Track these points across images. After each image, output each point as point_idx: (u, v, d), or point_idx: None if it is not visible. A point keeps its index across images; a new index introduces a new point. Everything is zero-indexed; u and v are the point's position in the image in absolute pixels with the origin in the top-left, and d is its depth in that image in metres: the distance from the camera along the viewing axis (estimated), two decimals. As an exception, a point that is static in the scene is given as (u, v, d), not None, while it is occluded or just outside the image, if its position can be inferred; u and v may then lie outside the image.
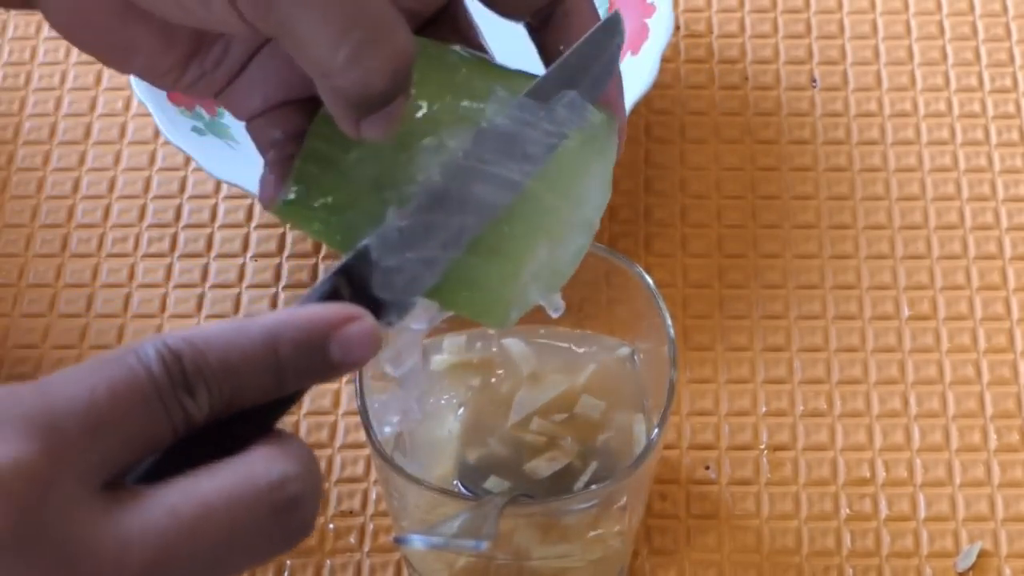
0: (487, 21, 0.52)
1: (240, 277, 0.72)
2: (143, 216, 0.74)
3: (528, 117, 0.48)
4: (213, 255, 0.73)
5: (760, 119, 0.76)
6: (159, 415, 0.40)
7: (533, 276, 0.48)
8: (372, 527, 0.65)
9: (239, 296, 0.71)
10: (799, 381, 0.69)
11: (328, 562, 0.64)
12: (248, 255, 0.72)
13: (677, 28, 0.79)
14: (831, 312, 0.71)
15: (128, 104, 0.77)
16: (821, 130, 0.76)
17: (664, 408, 0.55)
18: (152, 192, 0.75)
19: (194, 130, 0.71)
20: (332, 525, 0.65)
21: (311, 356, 0.42)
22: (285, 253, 0.72)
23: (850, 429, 0.67)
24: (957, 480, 0.66)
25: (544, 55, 0.50)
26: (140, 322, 0.71)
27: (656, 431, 0.54)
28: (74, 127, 0.77)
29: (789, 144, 0.76)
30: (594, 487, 0.55)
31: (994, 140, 0.75)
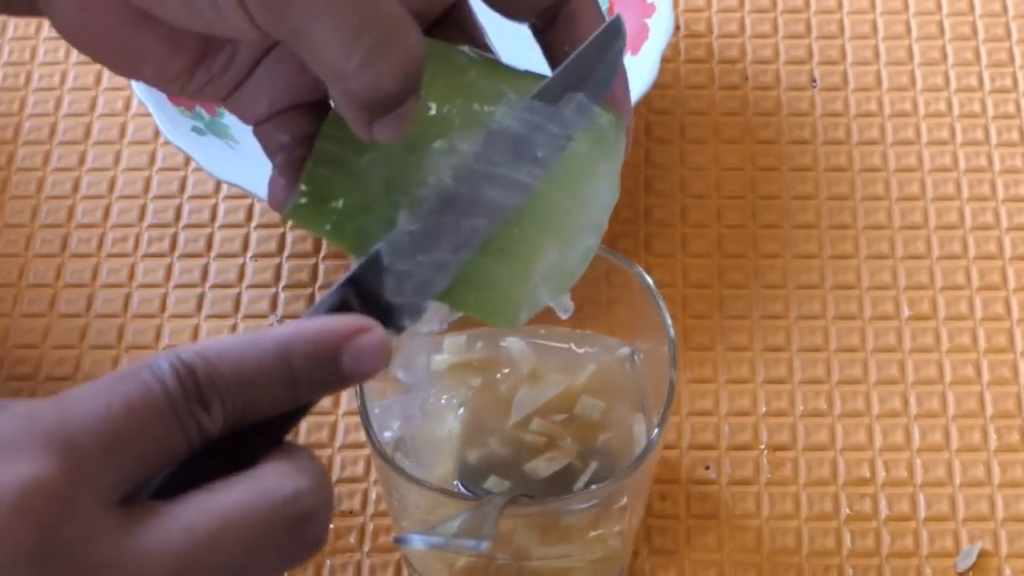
0: (490, 22, 0.52)
1: (240, 277, 0.72)
2: (143, 216, 0.74)
3: (537, 119, 0.48)
4: (213, 255, 0.73)
5: (760, 119, 0.76)
6: (175, 430, 0.40)
7: (543, 277, 0.48)
8: (372, 527, 0.65)
9: (239, 296, 0.71)
10: (799, 381, 0.69)
11: (328, 562, 0.64)
12: (248, 255, 0.72)
13: (677, 28, 0.79)
14: (831, 312, 0.71)
15: (128, 104, 0.77)
16: (821, 130, 0.76)
17: (664, 408, 0.55)
18: (152, 192, 0.75)
19: (194, 130, 0.71)
20: (332, 525, 0.65)
21: (324, 368, 0.42)
22: (285, 253, 0.72)
23: (850, 429, 0.67)
24: (957, 480, 0.66)
25: (549, 56, 0.50)
26: (140, 322, 0.71)
27: (656, 431, 0.54)
28: (74, 127, 0.77)
29: (789, 144, 0.76)
30: (594, 487, 0.55)
31: (994, 140, 0.75)
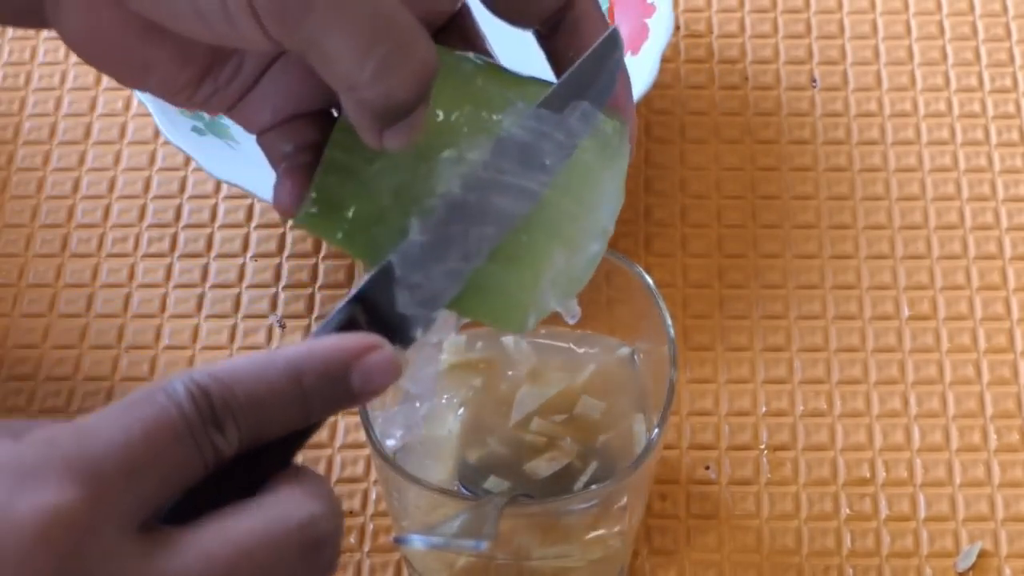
0: (489, 28, 0.52)
1: (240, 277, 0.72)
2: (143, 216, 0.74)
3: (543, 127, 0.48)
4: (213, 255, 0.72)
5: (760, 119, 0.76)
6: (192, 453, 0.41)
7: (551, 283, 0.49)
8: (372, 527, 0.65)
9: (239, 296, 0.71)
10: (799, 381, 0.69)
11: (328, 562, 0.64)
12: (248, 255, 0.72)
13: (677, 28, 0.79)
14: (831, 312, 0.70)
15: (128, 104, 0.77)
16: (821, 130, 0.76)
17: (664, 408, 0.55)
18: (152, 192, 0.75)
19: (194, 130, 0.71)
20: (332, 525, 0.65)
21: (335, 387, 0.43)
22: (285, 253, 0.72)
23: (850, 429, 0.67)
24: (957, 480, 0.66)
25: (554, 62, 0.51)
26: (140, 322, 0.71)
27: (656, 431, 0.54)
28: (74, 127, 0.77)
29: (789, 144, 0.76)
30: (594, 487, 0.55)
31: (994, 140, 0.75)
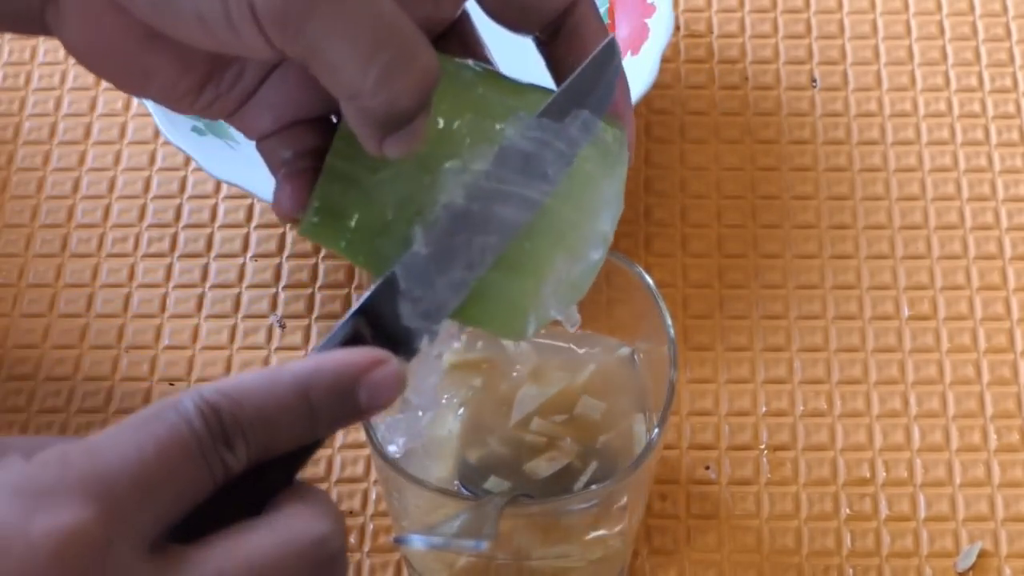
0: (487, 34, 0.52)
1: (240, 277, 0.72)
2: (143, 216, 0.74)
3: (544, 136, 0.48)
4: (213, 255, 0.72)
5: (760, 119, 0.76)
6: (202, 470, 0.41)
7: (552, 290, 0.49)
8: (372, 527, 0.65)
9: (239, 296, 0.71)
10: (799, 381, 0.69)
11: (328, 562, 0.64)
12: (248, 255, 0.72)
13: (677, 28, 0.79)
14: (831, 312, 0.70)
15: (128, 104, 0.77)
16: (821, 130, 0.76)
17: (664, 408, 0.55)
18: (152, 192, 0.75)
19: (194, 130, 0.71)
20: (332, 525, 0.65)
21: (342, 402, 0.43)
22: (285, 253, 0.72)
23: (850, 429, 0.67)
24: (957, 480, 0.66)
25: (554, 69, 0.51)
26: (140, 322, 0.71)
27: (656, 431, 0.54)
28: (74, 127, 0.77)
29: (789, 144, 0.76)
30: (594, 487, 0.55)
31: (994, 140, 0.75)
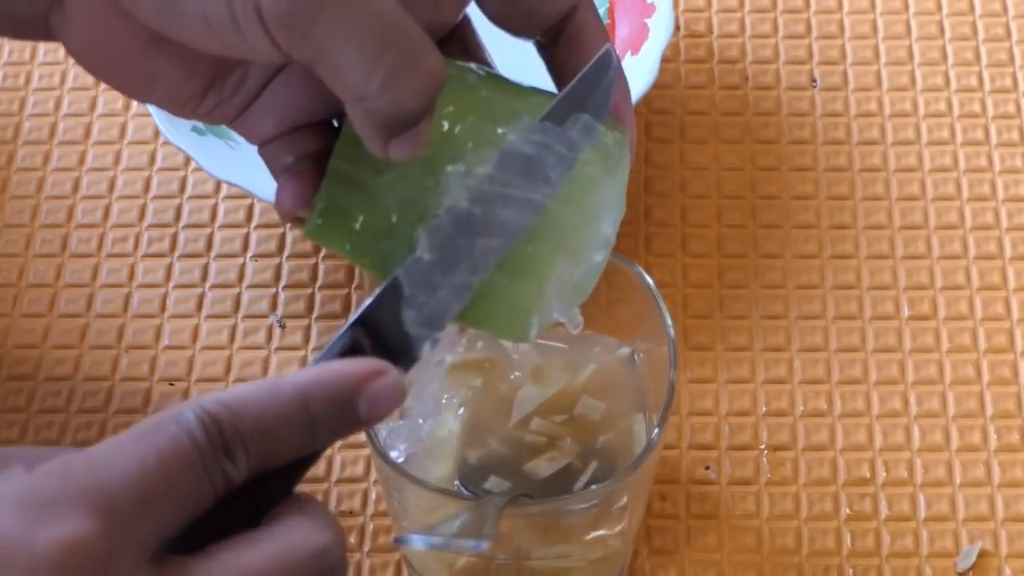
0: (486, 39, 0.52)
1: (240, 277, 0.72)
2: (143, 216, 0.74)
3: (546, 140, 0.48)
4: (213, 255, 0.72)
5: (760, 119, 0.76)
6: (203, 481, 0.41)
7: (555, 292, 0.49)
8: (372, 527, 0.65)
9: (239, 296, 0.71)
10: (799, 381, 0.69)
11: (328, 562, 0.64)
12: (248, 255, 0.72)
13: (677, 28, 0.79)
14: (831, 312, 0.70)
15: (128, 104, 0.77)
16: (821, 130, 0.76)
17: (664, 408, 0.55)
18: (152, 192, 0.75)
19: (194, 130, 0.71)
20: (332, 525, 0.65)
21: (342, 413, 0.43)
22: (285, 253, 0.72)
23: (850, 429, 0.67)
24: (957, 480, 0.66)
25: (555, 73, 0.51)
26: (140, 322, 0.71)
27: (656, 431, 0.54)
28: (74, 127, 0.77)
29: (789, 144, 0.76)
30: (594, 487, 0.55)
31: (994, 140, 0.75)
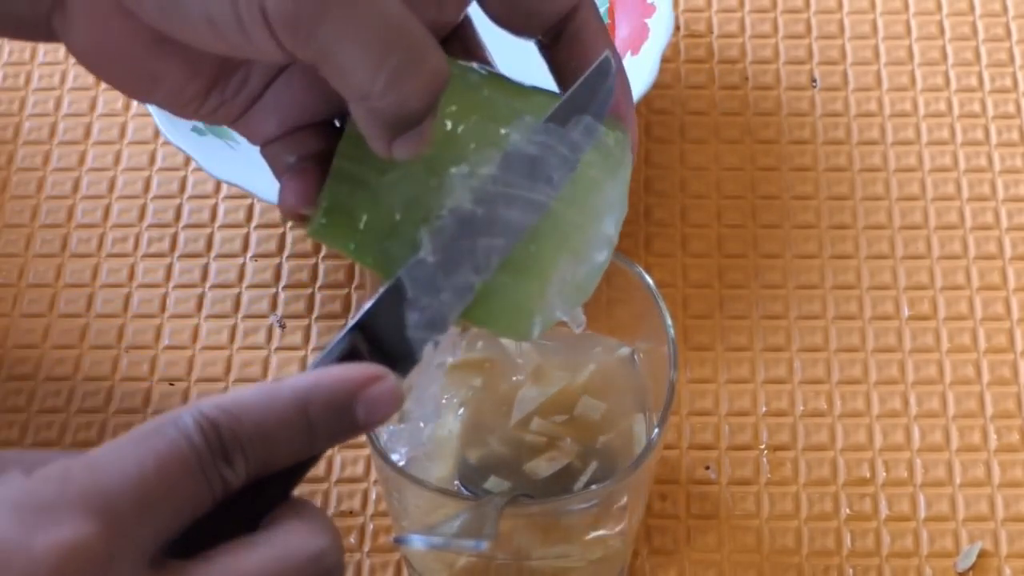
0: (487, 38, 0.52)
1: (240, 277, 0.72)
2: (143, 216, 0.74)
3: (549, 141, 0.48)
4: (213, 255, 0.72)
5: (760, 119, 0.76)
6: (201, 485, 0.41)
7: (557, 292, 0.49)
8: (372, 527, 0.65)
9: (239, 296, 0.71)
10: (799, 381, 0.69)
11: (328, 562, 0.64)
12: (248, 255, 0.72)
13: (677, 28, 0.79)
14: (831, 312, 0.70)
15: (128, 104, 0.77)
16: (821, 130, 0.76)
17: (664, 408, 0.55)
18: (152, 192, 0.75)
19: (194, 130, 0.71)
20: (332, 525, 0.65)
21: (340, 417, 0.43)
22: (285, 253, 0.72)
23: (850, 429, 0.67)
24: (957, 480, 0.66)
25: (556, 72, 0.51)
26: (140, 322, 0.71)
27: (656, 431, 0.54)
28: (74, 127, 0.77)
29: (789, 144, 0.76)
30: (594, 487, 0.55)
31: (994, 140, 0.75)
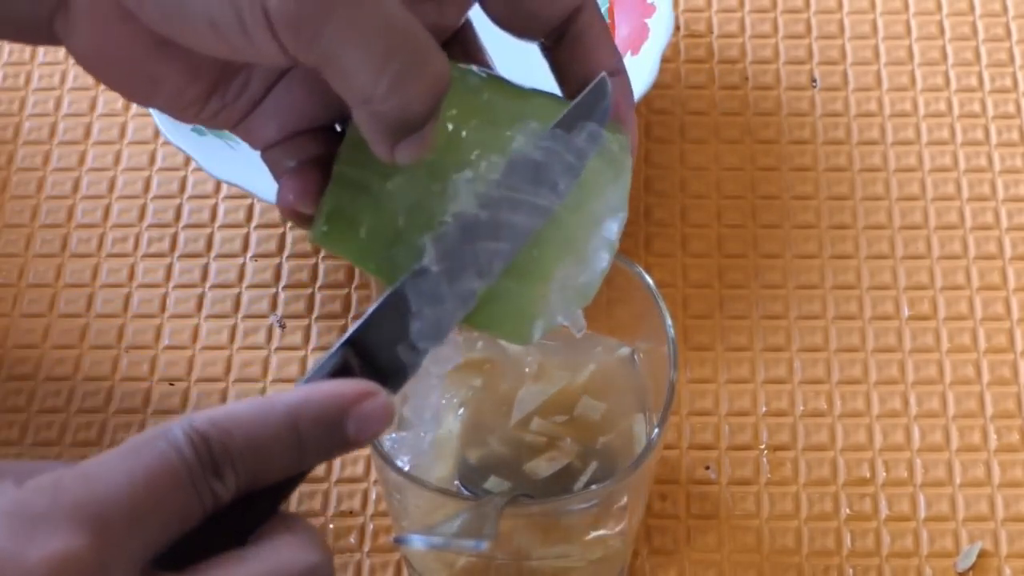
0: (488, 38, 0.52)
1: (240, 277, 0.72)
2: (143, 216, 0.74)
3: (555, 146, 0.49)
4: (213, 255, 0.72)
5: (760, 119, 0.76)
6: (192, 498, 0.41)
7: (559, 296, 0.49)
8: (372, 527, 0.65)
9: (239, 296, 0.71)
10: (799, 381, 0.69)
11: (328, 562, 0.64)
12: (248, 255, 0.72)
13: (677, 28, 0.79)
14: (831, 312, 0.70)
15: (128, 104, 0.77)
16: (821, 130, 0.76)
17: (664, 408, 0.55)
18: (152, 192, 0.75)
19: (194, 130, 0.71)
20: (332, 525, 0.65)
21: (331, 433, 0.43)
22: (285, 253, 0.72)
23: (850, 429, 0.67)
24: (957, 480, 0.66)
25: (558, 74, 0.51)
26: (140, 322, 0.71)
27: (656, 431, 0.54)
28: (74, 127, 0.77)
29: (789, 144, 0.76)
30: (594, 487, 0.55)
31: (994, 140, 0.75)
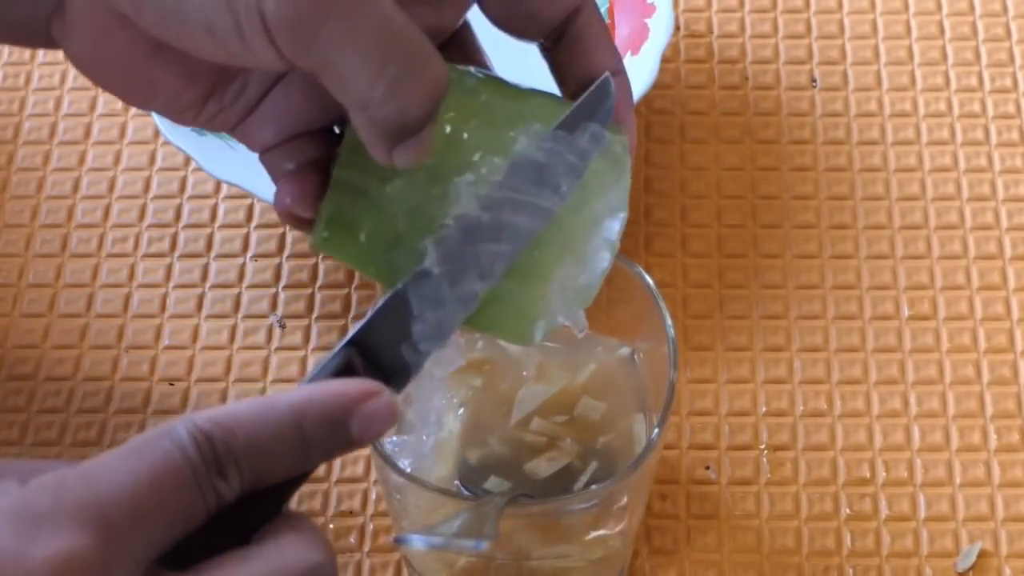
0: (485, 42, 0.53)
1: (240, 277, 0.72)
2: (143, 216, 0.74)
3: (558, 147, 0.49)
4: (213, 255, 0.72)
5: (760, 119, 0.76)
6: (195, 498, 0.41)
7: (560, 297, 0.49)
8: (372, 527, 0.65)
9: (239, 296, 0.71)
10: (799, 381, 0.69)
11: (328, 562, 0.64)
12: (248, 255, 0.72)
13: (677, 28, 0.79)
14: (831, 312, 0.70)
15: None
16: (821, 130, 0.76)
17: (664, 408, 0.55)
18: (152, 192, 0.75)
19: (194, 130, 0.71)
20: (332, 525, 0.65)
21: (335, 433, 0.43)
22: (285, 253, 0.72)
23: (850, 429, 0.67)
24: (957, 480, 0.66)
25: (557, 75, 0.51)
26: (140, 322, 0.71)
27: (656, 431, 0.54)
28: (74, 127, 0.77)
29: (789, 144, 0.76)
30: (594, 487, 0.55)
31: (994, 140, 0.75)
